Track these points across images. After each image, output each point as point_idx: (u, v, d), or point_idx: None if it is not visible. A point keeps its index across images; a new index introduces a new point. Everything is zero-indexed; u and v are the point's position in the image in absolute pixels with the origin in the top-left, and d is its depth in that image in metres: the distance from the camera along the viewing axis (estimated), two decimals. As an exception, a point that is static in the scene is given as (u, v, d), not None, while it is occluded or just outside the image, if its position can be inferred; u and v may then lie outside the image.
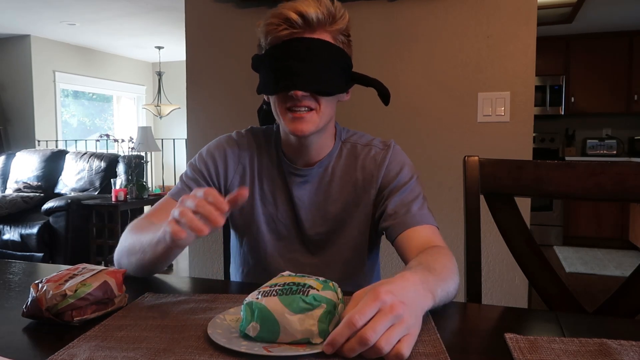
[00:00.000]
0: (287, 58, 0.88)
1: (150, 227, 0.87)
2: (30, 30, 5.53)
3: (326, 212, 1.00)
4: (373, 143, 1.02)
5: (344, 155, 1.01)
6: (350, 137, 1.04)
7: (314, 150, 0.98)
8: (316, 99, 0.90)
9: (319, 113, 0.91)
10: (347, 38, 0.95)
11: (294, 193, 1.00)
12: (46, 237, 3.79)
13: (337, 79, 0.91)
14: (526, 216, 1.59)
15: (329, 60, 0.89)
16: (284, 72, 0.88)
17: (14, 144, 5.82)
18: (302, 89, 0.87)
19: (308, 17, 0.86)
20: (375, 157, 1.00)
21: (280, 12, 0.88)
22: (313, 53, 0.87)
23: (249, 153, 1.03)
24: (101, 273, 0.70)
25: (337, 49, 0.90)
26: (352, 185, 1.00)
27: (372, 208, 1.00)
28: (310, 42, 0.88)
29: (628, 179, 0.93)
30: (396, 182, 0.97)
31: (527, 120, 1.78)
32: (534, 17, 1.75)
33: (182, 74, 2.23)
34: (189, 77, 2.15)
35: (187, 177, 1.03)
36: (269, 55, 0.91)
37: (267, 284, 0.64)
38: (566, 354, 0.57)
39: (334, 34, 0.91)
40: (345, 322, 0.55)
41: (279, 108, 0.92)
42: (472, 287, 0.99)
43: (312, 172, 1.00)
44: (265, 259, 1.03)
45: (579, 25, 4.59)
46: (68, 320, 0.66)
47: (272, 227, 1.02)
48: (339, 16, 0.91)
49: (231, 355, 0.57)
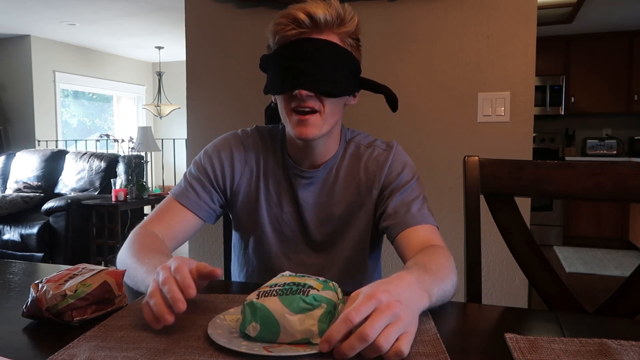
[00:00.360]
0: (293, 58, 0.88)
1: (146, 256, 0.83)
2: (30, 30, 5.53)
3: (330, 213, 1.01)
4: (376, 144, 1.02)
5: (347, 156, 1.02)
6: (354, 137, 1.04)
7: (319, 153, 0.98)
8: (321, 100, 0.89)
9: (322, 115, 0.90)
10: (355, 42, 0.94)
11: (299, 195, 1.00)
12: (46, 237, 3.79)
13: (343, 81, 0.91)
14: (526, 216, 1.59)
15: (336, 61, 0.89)
16: (290, 71, 0.88)
17: (14, 144, 5.82)
18: (307, 89, 0.87)
19: (316, 17, 0.87)
20: (378, 158, 1.00)
21: (289, 12, 0.89)
22: (320, 54, 0.88)
23: (255, 154, 1.03)
24: (101, 273, 0.70)
25: (344, 51, 0.90)
26: (356, 186, 1.00)
27: (374, 208, 1.00)
28: (317, 43, 0.88)
29: (628, 179, 0.93)
30: (397, 182, 0.97)
31: (527, 120, 1.78)
32: (534, 17, 1.75)
33: (182, 74, 2.23)
34: (189, 77, 2.15)
35: (190, 175, 1.02)
36: (276, 55, 0.91)
37: (267, 284, 0.64)
38: (566, 354, 0.57)
39: (342, 36, 0.91)
40: (341, 319, 0.55)
41: (285, 109, 0.92)
42: (472, 287, 0.99)
43: (317, 174, 1.00)
44: (269, 259, 1.03)
45: (579, 25, 4.59)
46: (68, 320, 0.65)
47: (276, 228, 1.02)
48: (348, 19, 0.91)
49: (231, 355, 0.57)
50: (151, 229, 0.95)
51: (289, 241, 1.03)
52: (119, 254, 0.91)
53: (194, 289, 0.63)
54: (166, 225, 0.97)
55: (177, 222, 0.98)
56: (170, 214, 0.98)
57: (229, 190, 1.03)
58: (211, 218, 1.03)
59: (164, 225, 0.96)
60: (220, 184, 1.02)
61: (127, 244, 0.91)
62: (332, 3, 0.90)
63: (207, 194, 1.00)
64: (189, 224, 0.99)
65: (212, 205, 1.01)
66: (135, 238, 0.92)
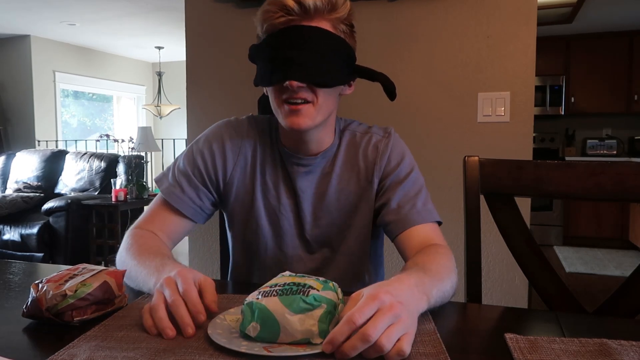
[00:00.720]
0: (283, 47, 0.84)
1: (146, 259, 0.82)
2: (30, 30, 5.52)
3: (329, 204, 0.97)
4: (372, 130, 1.00)
5: (343, 145, 0.99)
6: (348, 125, 1.01)
7: (313, 145, 0.95)
8: (313, 91, 0.86)
9: (315, 106, 0.86)
10: (349, 28, 0.90)
11: (297, 184, 0.97)
12: (46, 237, 3.79)
13: (336, 70, 0.86)
14: (526, 216, 1.59)
15: (328, 49, 0.85)
16: (279, 62, 0.84)
17: (14, 144, 5.82)
18: (298, 79, 0.83)
19: (305, 4, 0.83)
20: (377, 145, 0.97)
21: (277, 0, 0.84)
22: (310, 41, 0.83)
23: (249, 142, 0.99)
24: (101, 273, 0.70)
25: (336, 38, 0.86)
26: (356, 175, 0.97)
27: (374, 198, 0.97)
28: (307, 30, 0.83)
29: (628, 179, 0.93)
30: (397, 173, 0.95)
31: (527, 120, 1.78)
32: (534, 17, 1.75)
33: (182, 74, 2.23)
34: (189, 77, 2.15)
35: (179, 170, 0.98)
36: (265, 44, 0.87)
37: (267, 284, 0.64)
38: (566, 354, 0.57)
39: (334, 22, 0.86)
40: (344, 321, 0.55)
41: (276, 100, 0.88)
42: (472, 287, 0.99)
43: (315, 161, 0.96)
44: (265, 255, 1.00)
45: (579, 25, 4.59)
46: (68, 320, 0.65)
47: (273, 220, 0.99)
48: (340, 4, 0.86)
49: (231, 355, 0.57)
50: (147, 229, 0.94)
51: (286, 235, 0.99)
52: (118, 256, 0.90)
53: (204, 314, 0.64)
54: (159, 227, 0.95)
55: (169, 223, 0.96)
56: (161, 217, 0.96)
57: (222, 182, 0.98)
58: (200, 217, 0.99)
59: (157, 227, 0.95)
60: (212, 178, 0.98)
61: (125, 245, 0.89)
62: None
63: (195, 191, 0.97)
64: (179, 224, 0.97)
65: (199, 203, 0.97)
66: (133, 240, 0.90)
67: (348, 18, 0.89)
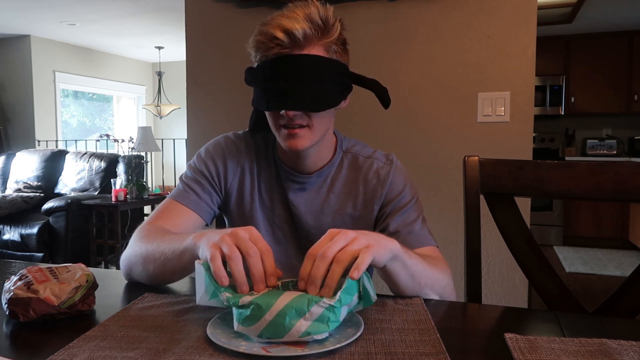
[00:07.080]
0: (275, 78, 0.84)
1: (169, 235, 0.84)
2: (30, 30, 5.52)
3: (322, 222, 0.99)
4: (375, 156, 1.01)
5: (345, 167, 1.00)
6: (352, 147, 1.02)
7: (311, 161, 0.97)
8: (309, 116, 0.87)
9: (312, 129, 0.89)
10: (341, 46, 0.90)
11: (290, 198, 0.99)
12: (46, 237, 3.79)
13: (331, 93, 0.87)
14: (526, 216, 1.59)
15: (321, 75, 0.85)
16: (273, 91, 0.85)
17: (14, 144, 5.81)
18: (293, 109, 0.85)
19: (294, 34, 0.82)
20: (379, 172, 0.98)
21: (267, 30, 0.83)
22: (303, 71, 0.83)
23: (247, 155, 1.02)
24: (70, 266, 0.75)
25: (328, 62, 0.86)
26: (353, 199, 0.99)
27: (373, 223, 0.99)
28: (299, 60, 0.83)
29: (628, 179, 0.93)
30: (398, 201, 0.97)
31: (527, 120, 1.78)
32: (534, 17, 1.75)
33: (182, 74, 2.23)
34: (189, 77, 2.15)
35: (187, 177, 1.02)
36: (259, 71, 0.87)
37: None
38: (566, 354, 0.57)
39: (326, 46, 0.86)
40: (305, 257, 0.63)
41: (274, 124, 0.91)
42: (472, 287, 0.99)
43: (310, 180, 0.99)
44: None
45: (579, 25, 4.59)
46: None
47: (270, 231, 1.02)
48: (330, 27, 0.86)
49: (231, 355, 0.57)
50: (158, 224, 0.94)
51: (282, 245, 1.02)
52: (126, 252, 0.89)
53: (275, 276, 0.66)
54: (171, 225, 0.95)
55: (181, 221, 0.96)
56: (173, 214, 0.97)
57: (223, 189, 1.02)
58: (207, 215, 1.01)
59: (169, 224, 0.95)
60: (216, 183, 1.01)
61: (136, 238, 0.88)
62: (311, 10, 0.84)
63: (207, 194, 1.00)
64: (190, 223, 0.98)
65: (212, 205, 1.01)
66: (146, 232, 0.89)
67: (339, 37, 0.89)
